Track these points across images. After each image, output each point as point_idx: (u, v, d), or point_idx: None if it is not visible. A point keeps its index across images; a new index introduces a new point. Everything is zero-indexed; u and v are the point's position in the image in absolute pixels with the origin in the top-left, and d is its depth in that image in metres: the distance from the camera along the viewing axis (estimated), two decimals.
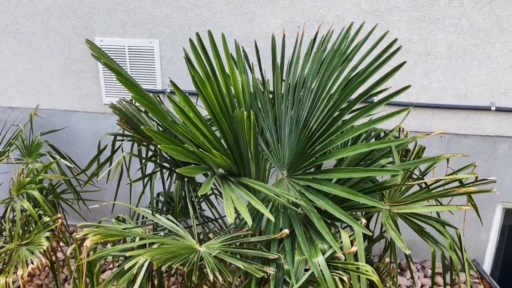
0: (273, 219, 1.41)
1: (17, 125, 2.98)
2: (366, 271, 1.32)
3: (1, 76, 3.13)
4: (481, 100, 2.58)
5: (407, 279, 2.87)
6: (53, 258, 2.21)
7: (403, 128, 2.28)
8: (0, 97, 3.19)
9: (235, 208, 1.46)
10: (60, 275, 2.52)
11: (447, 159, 2.19)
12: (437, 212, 2.07)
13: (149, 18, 2.79)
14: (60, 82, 3.06)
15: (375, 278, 1.31)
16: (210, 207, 2.31)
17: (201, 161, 1.73)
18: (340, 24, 2.59)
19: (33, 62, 3.04)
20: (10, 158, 2.61)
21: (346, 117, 1.81)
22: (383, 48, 1.74)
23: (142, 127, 1.37)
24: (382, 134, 2.26)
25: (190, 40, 1.83)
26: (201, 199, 2.30)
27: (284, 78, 2.13)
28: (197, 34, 1.87)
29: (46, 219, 2.25)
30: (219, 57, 1.92)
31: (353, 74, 1.74)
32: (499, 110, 2.57)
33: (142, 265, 1.47)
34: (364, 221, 1.44)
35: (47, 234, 2.20)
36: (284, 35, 2.26)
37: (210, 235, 2.18)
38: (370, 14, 2.54)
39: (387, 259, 2.83)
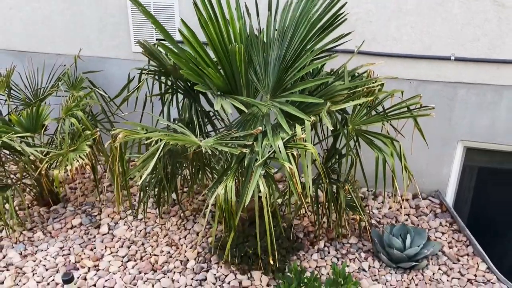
0: (246, 110, 2.02)
1: (64, 65, 3.66)
2: (308, 147, 1.91)
3: (50, 28, 3.80)
4: (444, 51, 3.08)
5: (378, 203, 3.44)
6: (93, 161, 2.89)
7: (373, 72, 2.82)
8: (49, 46, 3.87)
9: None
10: (98, 175, 3.23)
11: (402, 92, 2.75)
12: (387, 131, 2.63)
13: None
14: (98, 33, 3.71)
15: (313, 150, 1.91)
16: (213, 121, 2.93)
17: (205, 83, 2.35)
18: None
19: (76, 16, 3.69)
20: (60, 90, 3.29)
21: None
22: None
23: (141, 52, 1.97)
24: (356, 74, 2.80)
25: None
26: (207, 122, 2.91)
27: (277, 27, 2.68)
28: None
29: (88, 132, 2.93)
30: (220, 5, 2.50)
31: (313, 20, 2.29)
32: (458, 59, 3.06)
33: (158, 145, 2.11)
34: (313, 118, 2.03)
35: (89, 143, 2.88)
36: None
37: None
38: None
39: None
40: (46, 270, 2.79)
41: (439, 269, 2.86)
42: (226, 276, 2.75)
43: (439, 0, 2.96)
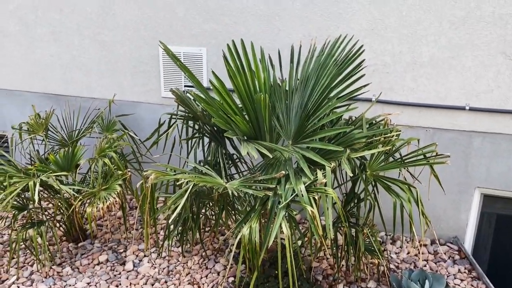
0: (270, 155, 2.17)
1: (99, 109, 3.92)
2: (328, 192, 2.04)
3: (87, 74, 4.10)
4: (458, 101, 3.22)
5: (396, 248, 3.48)
6: (123, 199, 3.06)
7: (390, 120, 2.97)
8: (85, 90, 4.16)
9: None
10: (127, 213, 3.38)
11: (418, 140, 2.87)
12: (404, 177, 2.73)
13: (200, 32, 3.66)
14: (131, 79, 3.98)
15: (334, 195, 2.03)
16: (236, 164, 3.08)
17: (232, 129, 2.52)
18: (347, 38, 3.33)
19: (111, 63, 3.99)
20: (95, 132, 3.52)
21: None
22: (355, 53, 2.47)
23: (174, 101, 2.17)
24: (374, 122, 2.95)
25: (227, 45, 2.64)
26: (232, 164, 3.07)
27: (299, 77, 2.89)
28: (232, 41, 2.68)
29: (119, 172, 3.12)
30: (247, 57, 2.72)
31: (333, 72, 2.48)
32: (472, 109, 3.19)
33: (188, 187, 2.26)
34: (333, 164, 2.16)
35: (120, 182, 3.06)
36: (300, 46, 3.03)
37: None
38: (369, 31, 3.27)
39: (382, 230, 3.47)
40: None
41: None
42: None
43: (453, 53, 3.14)
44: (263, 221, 2.62)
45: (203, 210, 3.12)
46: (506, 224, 3.54)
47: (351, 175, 2.11)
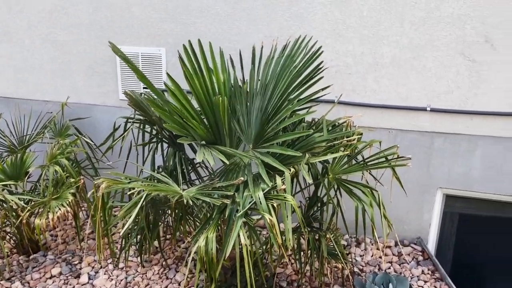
0: (227, 162, 2.07)
1: (51, 113, 3.71)
2: (288, 199, 1.96)
3: (39, 75, 3.88)
4: (420, 102, 3.21)
5: (361, 250, 3.46)
6: (76, 208, 2.89)
7: (353, 122, 2.93)
8: (38, 92, 3.94)
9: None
10: (80, 223, 3.19)
11: (380, 142, 2.84)
12: (367, 181, 2.69)
13: (158, 31, 3.52)
14: (86, 81, 3.79)
15: (293, 202, 1.95)
16: (195, 169, 2.97)
17: (189, 134, 2.41)
18: (306, 39, 3.26)
19: (65, 64, 3.79)
20: (46, 137, 3.32)
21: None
22: (313, 54, 2.41)
23: (127, 104, 2.05)
24: (336, 124, 2.90)
25: (183, 45, 2.53)
26: (191, 170, 2.95)
27: (260, 78, 2.80)
28: (189, 41, 2.56)
29: (71, 180, 2.94)
30: (205, 58, 2.61)
31: (293, 74, 2.41)
32: (433, 110, 3.19)
33: (140, 196, 2.13)
34: (292, 169, 2.09)
35: (72, 191, 2.88)
36: (262, 46, 2.95)
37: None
38: (331, 32, 3.22)
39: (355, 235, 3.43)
40: None
41: None
42: None
43: (414, 54, 3.13)
44: (224, 227, 2.52)
45: (163, 218, 2.99)
46: (467, 223, 3.57)
47: (310, 181, 2.04)
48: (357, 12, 3.13)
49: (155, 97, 2.55)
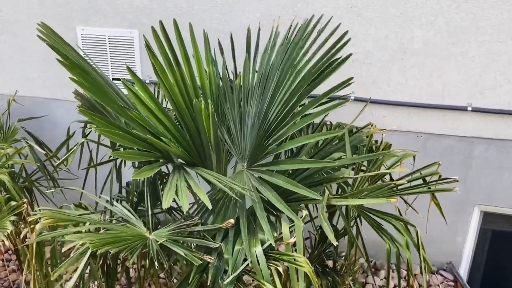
0: (210, 206, 1.40)
1: None
2: (300, 261, 1.31)
3: None
4: (458, 100, 2.55)
5: (380, 279, 2.84)
6: (16, 240, 2.23)
7: (375, 125, 2.26)
8: None
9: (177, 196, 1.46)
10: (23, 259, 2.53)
11: (414, 156, 2.18)
12: (398, 209, 2.04)
13: (129, 8, 2.80)
14: (42, 71, 3.08)
15: (307, 269, 1.30)
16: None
17: (155, 149, 1.73)
18: (316, 19, 2.57)
19: (15, 50, 3.07)
20: None
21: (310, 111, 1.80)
22: (336, 42, 1.72)
23: (77, 106, 1.37)
24: (354, 130, 2.24)
25: (152, 27, 1.83)
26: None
27: (257, 70, 2.12)
28: (160, 22, 1.87)
29: (13, 203, 2.27)
30: (183, 45, 1.92)
31: (307, 67, 1.72)
32: (475, 110, 2.53)
33: (83, 253, 1.47)
34: (305, 213, 1.43)
35: (13, 218, 2.22)
36: (259, 29, 2.26)
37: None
38: (347, 10, 2.52)
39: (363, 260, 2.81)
40: None
41: None
42: None
43: (452, 39, 2.44)
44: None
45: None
46: (501, 240, 2.97)
47: (336, 243, 1.38)
48: None
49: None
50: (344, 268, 2.13)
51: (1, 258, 2.84)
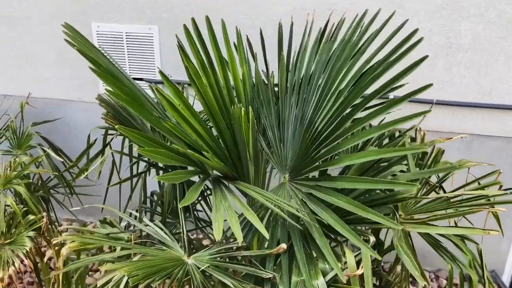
0: (267, 236, 1.22)
1: (9, 115, 2.84)
2: None
3: None
4: (508, 98, 2.35)
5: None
6: (35, 256, 2.07)
7: (420, 128, 2.07)
8: None
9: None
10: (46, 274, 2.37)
11: (468, 168, 1.98)
12: (455, 222, 1.86)
13: (148, 3, 2.60)
14: (55, 70, 2.90)
15: None
16: (208, 208, 2.13)
17: (193, 163, 1.56)
18: (354, 12, 2.36)
19: (26, 49, 2.88)
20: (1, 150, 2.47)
21: (359, 115, 1.61)
22: (402, 39, 1.52)
23: (117, 126, 1.18)
24: (396, 134, 2.05)
25: (185, 26, 1.64)
26: (196, 201, 2.12)
27: (290, 70, 1.93)
28: (193, 20, 1.68)
29: (31, 217, 2.10)
30: (217, 46, 1.73)
31: (366, 68, 1.53)
32: None
33: (119, 282, 1.30)
34: (372, 239, 1.25)
35: (31, 233, 2.05)
36: (292, 23, 2.06)
37: (205, 241, 2.01)
38: (388, 1, 2.31)
39: (398, 268, 2.63)
40: None
41: None
42: None
43: (504, 33, 2.24)
44: None
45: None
46: None
47: (423, 284, 1.20)
48: None
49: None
50: (392, 285, 1.95)
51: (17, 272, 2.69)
